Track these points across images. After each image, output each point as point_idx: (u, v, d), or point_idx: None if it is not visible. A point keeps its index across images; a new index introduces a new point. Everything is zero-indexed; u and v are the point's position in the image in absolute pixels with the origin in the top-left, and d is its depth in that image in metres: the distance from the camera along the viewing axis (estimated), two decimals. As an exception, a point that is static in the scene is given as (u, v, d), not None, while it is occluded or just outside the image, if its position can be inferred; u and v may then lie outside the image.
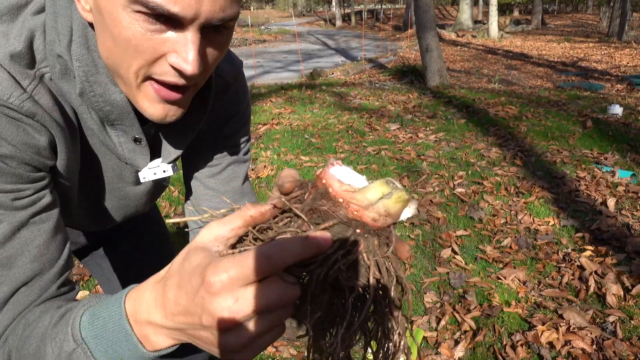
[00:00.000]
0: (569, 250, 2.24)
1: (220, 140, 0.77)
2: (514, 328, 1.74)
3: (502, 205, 2.73)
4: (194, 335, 0.39)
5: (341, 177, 0.41)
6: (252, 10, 45.19)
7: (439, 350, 1.65)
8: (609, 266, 2.06)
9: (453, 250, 2.28)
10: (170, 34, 0.48)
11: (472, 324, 1.77)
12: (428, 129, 4.39)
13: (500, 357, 1.60)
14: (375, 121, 4.66)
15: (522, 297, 1.92)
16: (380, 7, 37.93)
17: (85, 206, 0.73)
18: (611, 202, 2.65)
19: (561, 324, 1.69)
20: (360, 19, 33.51)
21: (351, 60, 13.14)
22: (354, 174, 0.42)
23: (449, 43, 16.91)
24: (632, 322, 1.72)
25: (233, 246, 0.39)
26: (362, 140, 4.04)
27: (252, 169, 3.40)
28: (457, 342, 1.68)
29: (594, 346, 1.60)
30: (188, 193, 0.83)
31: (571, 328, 1.68)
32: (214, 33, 0.50)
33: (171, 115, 0.56)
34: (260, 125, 4.59)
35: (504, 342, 1.67)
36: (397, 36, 21.23)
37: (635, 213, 2.57)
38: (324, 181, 0.40)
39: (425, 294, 1.98)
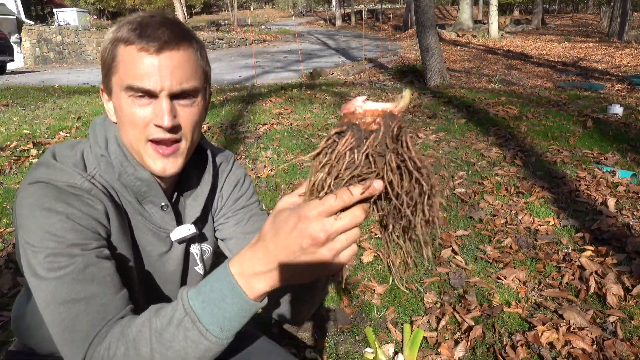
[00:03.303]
0: (569, 250, 2.24)
1: (236, 202, 0.99)
2: (514, 328, 1.74)
3: (502, 205, 2.73)
4: (294, 265, 0.54)
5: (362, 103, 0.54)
6: (252, 10, 45.16)
7: (439, 350, 1.65)
8: (610, 266, 2.06)
9: (453, 250, 2.28)
10: (151, 104, 0.74)
11: (473, 324, 1.76)
12: (428, 129, 4.39)
13: (501, 357, 1.60)
14: (376, 121, 4.65)
15: (522, 297, 1.92)
16: (380, 7, 37.90)
17: (138, 285, 0.87)
18: (611, 202, 2.64)
19: (561, 324, 1.69)
20: (360, 18, 33.50)
21: (351, 60, 13.13)
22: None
23: (449, 43, 16.89)
24: (632, 322, 1.72)
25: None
26: (362, 140, 4.04)
27: (252, 169, 3.40)
28: (457, 342, 1.68)
29: (595, 346, 1.60)
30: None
31: (571, 328, 1.68)
32: (181, 99, 0.76)
33: (169, 168, 0.78)
34: (260, 125, 4.58)
35: (504, 342, 1.66)
36: (397, 36, 21.22)
37: (635, 213, 2.56)
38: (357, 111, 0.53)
39: (425, 294, 1.98)
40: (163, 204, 0.84)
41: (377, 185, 0.50)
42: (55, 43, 17.64)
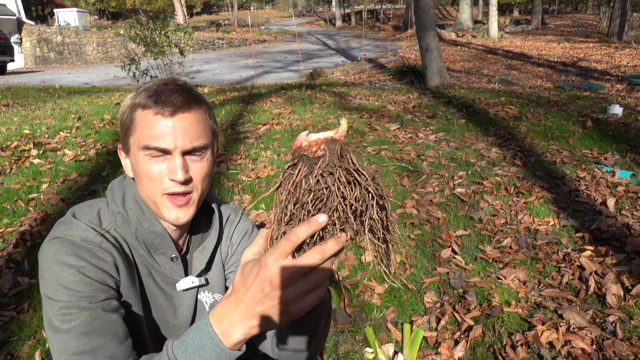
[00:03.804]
0: (569, 250, 2.24)
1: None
2: (514, 328, 1.74)
3: (502, 205, 2.73)
4: (262, 311, 0.58)
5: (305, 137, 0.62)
6: (252, 10, 45.16)
7: (439, 350, 1.65)
8: (609, 266, 2.06)
9: (453, 250, 2.28)
10: (166, 161, 0.83)
11: (472, 324, 1.77)
12: (428, 129, 4.39)
13: (500, 357, 1.60)
14: (375, 121, 4.66)
15: (522, 297, 1.92)
16: (380, 7, 37.91)
17: (148, 332, 0.92)
18: (611, 202, 2.65)
19: (561, 324, 1.69)
20: (360, 19, 33.49)
21: (351, 60, 13.13)
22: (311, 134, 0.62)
23: (449, 43, 16.90)
24: (632, 322, 1.72)
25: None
26: (362, 140, 4.04)
27: (252, 169, 3.40)
28: (457, 342, 1.68)
29: (594, 346, 1.60)
30: None
31: (571, 328, 1.68)
32: (192, 154, 0.85)
33: (182, 217, 0.86)
34: (260, 125, 4.59)
35: (504, 342, 1.67)
36: (397, 36, 21.22)
37: (635, 213, 2.57)
38: (301, 145, 0.61)
39: (425, 294, 1.98)
40: (173, 255, 0.92)
41: (321, 219, 0.54)
42: (56, 43, 17.65)
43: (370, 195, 0.58)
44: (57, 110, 5.47)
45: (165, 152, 0.82)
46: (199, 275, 0.97)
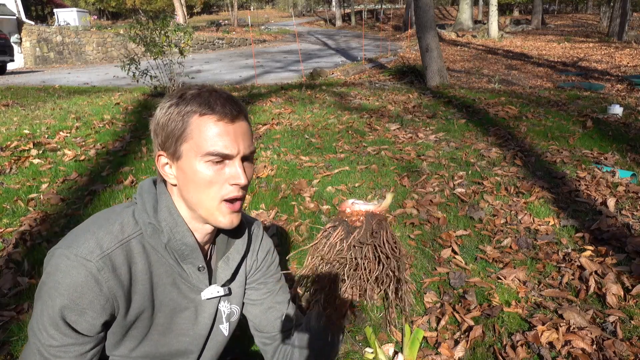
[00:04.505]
0: (569, 250, 2.24)
1: (268, 268, 1.11)
2: (514, 328, 1.74)
3: (502, 205, 2.73)
4: None
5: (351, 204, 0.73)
6: (252, 10, 45.12)
7: (439, 350, 1.65)
8: (609, 266, 2.06)
9: (453, 250, 2.28)
10: (226, 167, 0.84)
11: (472, 324, 1.76)
12: (428, 129, 4.39)
13: (500, 357, 1.60)
14: (375, 121, 4.65)
15: (522, 297, 1.92)
16: (380, 7, 37.89)
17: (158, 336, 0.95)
18: (611, 202, 2.65)
19: (561, 324, 1.69)
20: (360, 19, 33.48)
21: (351, 60, 13.13)
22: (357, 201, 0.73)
23: (449, 43, 16.90)
24: (632, 322, 1.72)
25: None
26: (362, 140, 4.04)
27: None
28: (457, 342, 1.68)
29: (594, 346, 1.60)
30: (261, 329, 1.13)
31: (571, 328, 1.68)
32: (246, 160, 0.88)
33: (235, 221, 0.89)
34: (260, 125, 4.58)
35: (504, 342, 1.66)
36: (397, 36, 21.22)
37: (635, 213, 2.56)
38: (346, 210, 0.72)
39: (425, 294, 1.98)
40: (200, 265, 0.93)
41: None
42: (56, 43, 17.64)
43: (391, 275, 0.66)
44: (57, 110, 5.47)
45: (228, 157, 0.84)
46: (223, 285, 0.99)
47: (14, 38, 17.00)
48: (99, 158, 3.67)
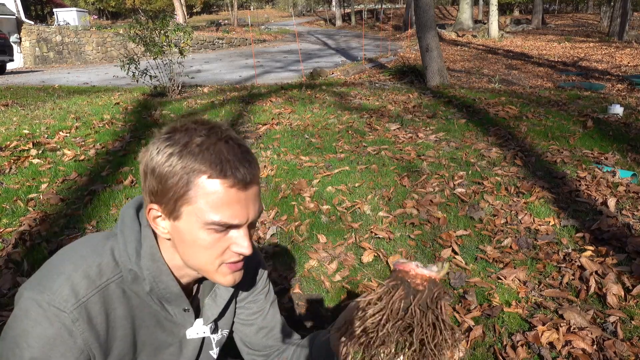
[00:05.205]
0: (570, 250, 2.23)
1: (256, 285, 1.07)
2: (514, 328, 1.74)
3: (502, 205, 2.73)
4: None
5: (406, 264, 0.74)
6: (252, 10, 45.12)
7: (439, 350, 1.65)
8: (610, 266, 2.06)
9: (453, 250, 2.28)
10: (231, 233, 0.76)
11: (473, 324, 1.76)
12: (428, 129, 4.39)
13: (501, 357, 1.60)
14: (375, 121, 4.65)
15: (522, 297, 1.91)
16: (380, 7, 37.88)
17: None
18: (612, 202, 2.64)
19: (561, 324, 1.69)
20: (360, 18, 33.48)
21: (351, 60, 13.13)
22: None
23: (449, 43, 16.90)
24: (632, 322, 1.72)
25: None
26: (362, 140, 4.04)
27: (252, 169, 3.40)
28: (457, 343, 1.68)
29: (595, 346, 1.60)
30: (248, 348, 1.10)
31: (572, 328, 1.68)
32: (253, 223, 0.79)
33: (237, 279, 0.82)
34: (260, 125, 4.58)
35: (504, 342, 1.66)
36: (397, 36, 21.21)
37: (635, 213, 2.56)
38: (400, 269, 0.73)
39: (426, 294, 1.97)
40: (185, 307, 0.88)
41: None
42: (55, 43, 17.64)
43: (445, 344, 0.68)
44: (57, 110, 5.47)
45: (235, 227, 0.75)
46: (209, 324, 0.94)
47: (13, 38, 17.00)
48: (99, 158, 3.67)
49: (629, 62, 11.43)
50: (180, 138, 0.72)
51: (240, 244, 0.76)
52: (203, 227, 0.73)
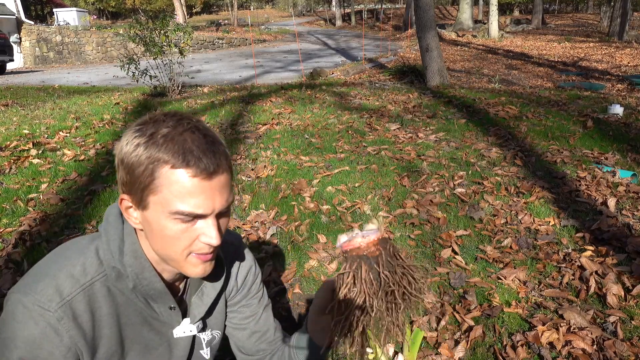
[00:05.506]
0: (570, 250, 2.23)
1: (249, 289, 1.06)
2: (514, 328, 1.74)
3: (502, 205, 2.73)
4: None
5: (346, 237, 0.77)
6: (252, 10, 45.13)
7: (439, 350, 1.65)
8: (610, 266, 2.06)
9: (453, 250, 2.28)
10: (198, 224, 0.75)
11: (473, 324, 1.76)
12: (428, 129, 4.39)
13: (501, 357, 1.60)
14: (375, 121, 4.65)
15: (522, 297, 1.91)
16: (380, 7, 37.89)
17: None
18: (612, 202, 2.64)
19: (561, 324, 1.69)
20: (360, 18, 33.48)
21: (351, 60, 13.12)
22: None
23: (449, 43, 16.90)
24: (632, 322, 1.72)
25: None
26: (362, 140, 4.04)
27: (252, 169, 3.40)
28: (457, 342, 1.68)
29: (595, 346, 1.60)
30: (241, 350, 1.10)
31: (572, 328, 1.68)
32: (222, 216, 0.79)
33: (207, 270, 0.81)
34: (260, 125, 4.58)
35: (504, 342, 1.66)
36: (397, 36, 21.21)
37: (635, 213, 2.56)
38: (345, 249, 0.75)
39: (425, 294, 1.97)
40: (171, 305, 0.87)
41: None
42: (55, 43, 17.64)
43: (413, 285, 0.73)
44: (57, 110, 5.47)
45: (201, 217, 0.75)
46: (197, 321, 0.94)
47: (13, 38, 17.00)
48: (99, 158, 3.67)
49: (629, 62, 11.43)
50: (147, 129, 0.73)
51: (207, 234, 0.75)
52: (169, 216, 0.73)
